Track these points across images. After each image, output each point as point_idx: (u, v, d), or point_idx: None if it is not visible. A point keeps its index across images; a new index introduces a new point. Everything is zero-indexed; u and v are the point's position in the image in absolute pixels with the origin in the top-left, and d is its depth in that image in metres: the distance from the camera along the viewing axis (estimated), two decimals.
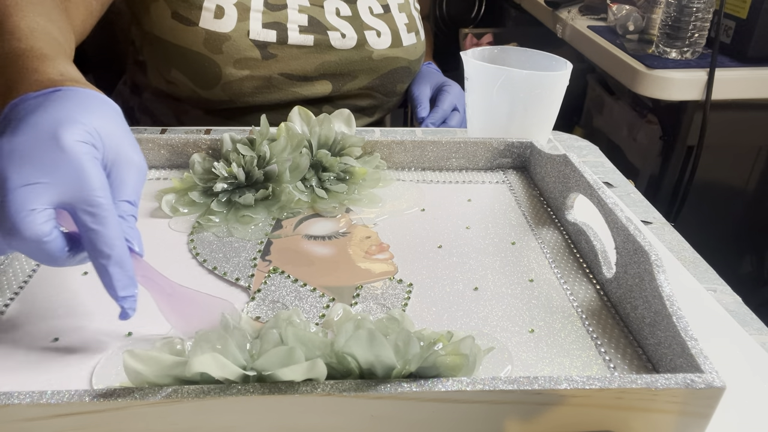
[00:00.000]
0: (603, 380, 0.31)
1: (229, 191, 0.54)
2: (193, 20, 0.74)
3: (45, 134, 0.34)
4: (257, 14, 0.75)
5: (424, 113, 0.86)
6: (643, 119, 1.20)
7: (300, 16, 0.77)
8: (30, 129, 0.34)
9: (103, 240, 0.34)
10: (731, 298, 0.48)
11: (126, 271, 0.35)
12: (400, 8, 0.85)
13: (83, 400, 0.29)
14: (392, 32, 0.83)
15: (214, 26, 0.74)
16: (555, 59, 0.66)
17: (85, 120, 0.35)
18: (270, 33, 0.76)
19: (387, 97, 0.88)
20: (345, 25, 0.80)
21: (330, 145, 0.59)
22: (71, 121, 0.35)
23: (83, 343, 0.39)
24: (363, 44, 0.81)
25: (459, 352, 0.32)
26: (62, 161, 0.33)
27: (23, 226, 0.32)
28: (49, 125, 0.34)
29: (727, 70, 1.04)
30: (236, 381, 0.30)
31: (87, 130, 0.35)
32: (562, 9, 1.42)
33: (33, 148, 0.33)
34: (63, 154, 0.33)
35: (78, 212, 0.34)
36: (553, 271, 0.48)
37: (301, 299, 0.44)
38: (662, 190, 1.17)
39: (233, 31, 0.74)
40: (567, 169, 0.53)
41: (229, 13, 0.74)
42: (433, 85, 0.91)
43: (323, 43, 0.78)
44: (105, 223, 0.34)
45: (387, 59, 0.83)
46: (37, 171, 0.33)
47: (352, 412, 0.31)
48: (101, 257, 0.34)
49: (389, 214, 0.55)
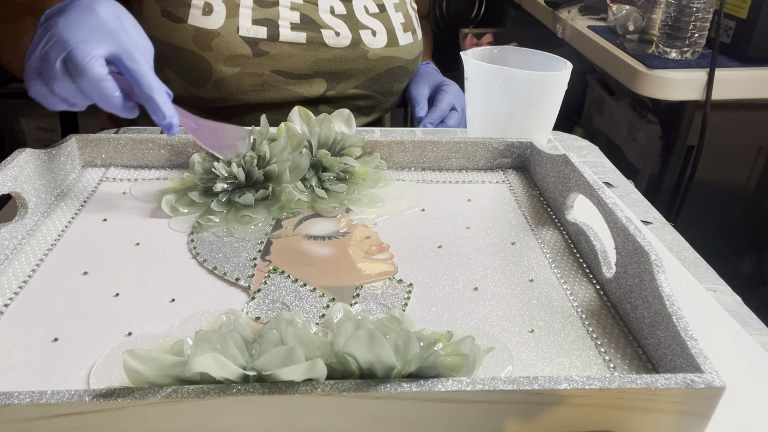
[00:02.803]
0: (603, 380, 0.31)
1: (229, 191, 0.54)
2: (181, 17, 0.74)
3: (86, 8, 0.49)
4: (247, 10, 0.75)
5: (422, 113, 0.86)
6: (643, 119, 1.20)
7: (292, 13, 0.77)
8: (75, 8, 0.49)
9: (146, 78, 0.48)
10: (731, 298, 0.48)
11: (168, 100, 0.49)
12: (396, 7, 0.84)
13: (83, 400, 0.29)
14: (388, 31, 0.83)
15: (203, 23, 0.74)
16: (555, 59, 0.66)
17: (112, 2, 0.51)
18: (260, 29, 0.75)
19: (384, 96, 0.88)
20: (339, 24, 0.79)
21: (330, 145, 0.59)
22: (102, 1, 0.50)
23: (83, 343, 0.39)
24: (358, 43, 0.80)
25: (459, 352, 0.32)
26: (101, 26, 0.48)
27: (87, 68, 0.46)
28: (87, 3, 0.49)
29: (727, 70, 1.04)
30: (236, 381, 0.30)
31: (113, 7, 0.50)
32: (562, 9, 1.42)
33: (79, 19, 0.48)
34: (100, 21, 0.48)
35: (124, 61, 0.47)
36: (553, 271, 0.48)
37: (301, 299, 0.44)
38: (662, 190, 1.17)
39: (222, 28, 0.74)
40: (567, 169, 0.53)
41: (217, 9, 0.74)
42: (432, 85, 0.91)
43: (316, 40, 0.78)
44: (144, 67, 0.48)
45: (383, 59, 0.83)
46: (86, 33, 0.47)
47: (352, 412, 0.31)
48: (148, 89, 0.48)
49: (389, 214, 0.55)
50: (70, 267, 0.46)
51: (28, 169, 0.51)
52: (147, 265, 0.47)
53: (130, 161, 0.61)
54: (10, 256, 0.47)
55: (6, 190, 0.48)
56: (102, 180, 0.59)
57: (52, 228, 0.51)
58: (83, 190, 0.57)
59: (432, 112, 0.85)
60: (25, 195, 0.50)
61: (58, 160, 0.56)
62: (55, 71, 0.46)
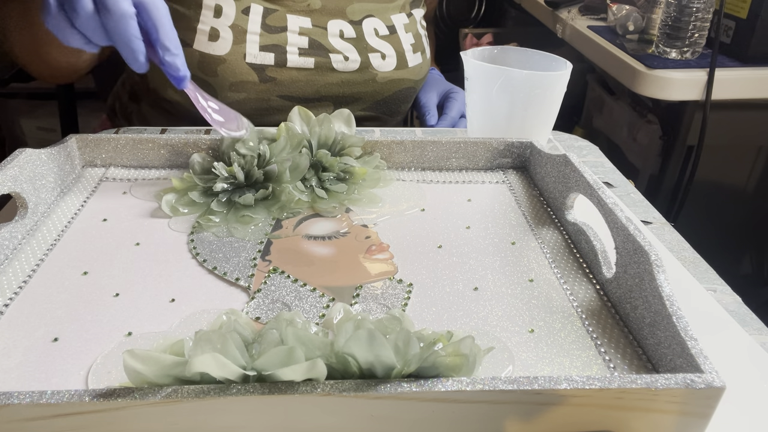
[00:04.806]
0: (603, 380, 0.31)
1: (229, 191, 0.54)
2: (187, 42, 0.73)
3: None
4: (254, 37, 0.74)
5: (433, 121, 0.86)
6: (643, 119, 1.20)
7: (300, 38, 0.76)
8: None
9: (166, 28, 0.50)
10: (731, 298, 0.48)
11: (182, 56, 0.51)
12: (406, 28, 0.83)
13: (83, 400, 0.29)
14: (398, 54, 0.81)
15: (209, 49, 0.73)
16: (555, 59, 0.66)
17: None
18: (268, 56, 0.74)
19: (391, 117, 0.87)
20: (348, 48, 0.78)
21: (330, 145, 0.59)
22: None
23: (83, 343, 0.39)
24: (367, 67, 0.79)
25: (459, 352, 0.32)
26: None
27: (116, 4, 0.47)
28: None
29: (727, 70, 1.04)
30: (236, 381, 0.30)
31: None
32: (562, 9, 1.42)
33: None
34: None
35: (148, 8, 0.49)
36: (553, 271, 0.48)
37: (301, 299, 0.44)
38: (662, 190, 1.17)
39: (228, 54, 0.73)
40: (567, 169, 0.53)
41: (224, 35, 0.73)
42: (440, 92, 0.91)
43: (324, 65, 0.77)
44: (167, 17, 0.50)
45: (392, 81, 0.81)
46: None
47: (352, 412, 0.31)
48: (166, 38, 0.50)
49: (389, 214, 0.55)
50: (70, 267, 0.46)
51: (28, 169, 0.51)
52: (147, 265, 0.47)
53: (130, 161, 0.61)
54: (10, 256, 0.47)
55: (6, 190, 0.48)
56: (102, 180, 0.59)
57: (52, 228, 0.51)
58: (83, 190, 0.57)
59: (442, 120, 0.85)
60: (25, 195, 0.50)
61: (58, 160, 0.56)
62: (83, 3, 0.47)
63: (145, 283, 0.45)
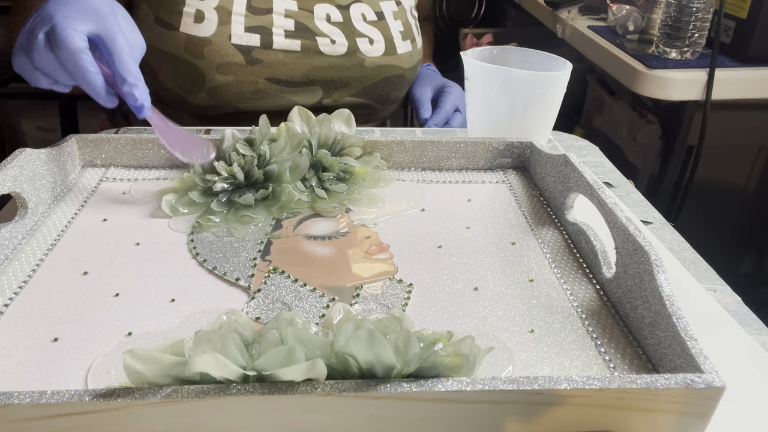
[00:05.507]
0: (603, 380, 0.31)
1: (229, 191, 0.54)
2: (173, 25, 0.73)
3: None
4: (239, 18, 0.74)
5: (426, 114, 0.86)
6: (643, 119, 1.20)
7: (286, 20, 0.76)
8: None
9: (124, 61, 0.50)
10: (731, 298, 0.48)
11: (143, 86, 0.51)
12: (395, 15, 0.83)
13: (83, 400, 0.29)
14: (386, 40, 0.81)
15: (194, 30, 0.73)
16: (555, 59, 0.66)
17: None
18: (253, 37, 0.74)
19: (381, 105, 0.87)
20: (335, 32, 0.78)
21: (330, 145, 0.58)
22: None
23: (83, 343, 0.39)
24: (354, 51, 0.79)
25: (459, 352, 0.32)
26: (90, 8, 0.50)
27: (66, 39, 0.48)
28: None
29: (727, 70, 1.04)
30: (236, 381, 0.30)
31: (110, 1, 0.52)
32: (562, 9, 1.42)
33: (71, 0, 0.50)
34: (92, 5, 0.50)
35: (105, 41, 0.50)
36: (553, 271, 0.48)
37: (301, 299, 0.44)
38: (662, 190, 1.17)
39: (214, 35, 0.73)
40: (567, 169, 0.53)
41: (209, 17, 0.73)
42: (434, 87, 0.91)
43: (311, 48, 0.77)
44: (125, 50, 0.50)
45: (380, 67, 0.82)
46: (74, 11, 0.50)
47: (351, 412, 0.31)
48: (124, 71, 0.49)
49: (389, 214, 0.55)
50: (70, 267, 0.46)
51: (28, 169, 0.51)
52: (147, 265, 0.47)
53: (130, 161, 0.61)
54: (10, 256, 0.47)
55: (6, 190, 0.48)
56: (102, 180, 0.59)
57: (52, 228, 0.51)
58: (83, 190, 0.57)
59: (436, 114, 0.85)
60: (25, 195, 0.50)
61: (58, 160, 0.56)
62: (37, 43, 0.48)
63: (145, 283, 0.45)
